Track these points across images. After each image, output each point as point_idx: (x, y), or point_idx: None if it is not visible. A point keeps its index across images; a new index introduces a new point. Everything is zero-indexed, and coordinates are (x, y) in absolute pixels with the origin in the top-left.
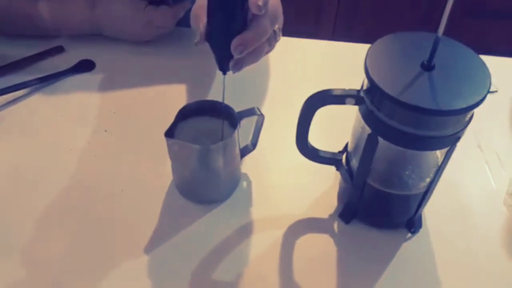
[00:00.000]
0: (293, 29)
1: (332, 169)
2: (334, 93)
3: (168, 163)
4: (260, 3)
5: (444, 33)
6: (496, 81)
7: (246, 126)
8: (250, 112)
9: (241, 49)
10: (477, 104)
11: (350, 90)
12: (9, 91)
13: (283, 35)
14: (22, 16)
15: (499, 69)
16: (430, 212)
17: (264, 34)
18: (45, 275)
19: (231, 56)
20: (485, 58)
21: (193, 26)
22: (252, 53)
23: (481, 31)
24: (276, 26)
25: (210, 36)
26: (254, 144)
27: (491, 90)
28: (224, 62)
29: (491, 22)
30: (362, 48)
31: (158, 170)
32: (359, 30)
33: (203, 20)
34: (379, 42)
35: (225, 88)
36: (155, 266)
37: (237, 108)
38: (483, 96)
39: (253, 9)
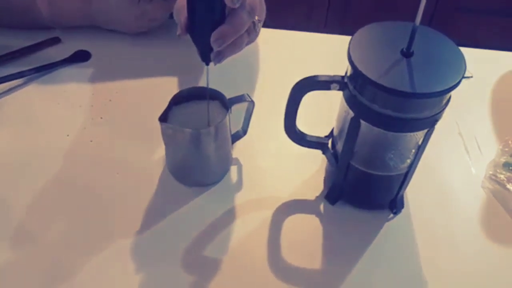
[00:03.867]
0: (285, 22)
1: (318, 153)
2: (320, 79)
3: (162, 148)
4: None
5: (436, 27)
6: (474, 71)
7: (238, 112)
8: (240, 98)
9: (220, 42)
10: (452, 88)
11: (334, 76)
12: (7, 81)
13: (275, 27)
14: (19, 9)
15: (477, 59)
16: (412, 194)
17: (241, 26)
18: (42, 255)
19: (212, 48)
20: (464, 50)
21: (176, 18)
22: (232, 45)
23: (472, 26)
24: (256, 17)
25: (190, 29)
26: (245, 130)
27: (466, 75)
28: (206, 54)
29: (482, 17)
30: (349, 40)
31: (152, 155)
32: (351, 23)
33: (184, 13)
34: (361, 31)
35: (209, 77)
36: (149, 245)
37: (228, 94)
38: (458, 80)
39: (228, 2)
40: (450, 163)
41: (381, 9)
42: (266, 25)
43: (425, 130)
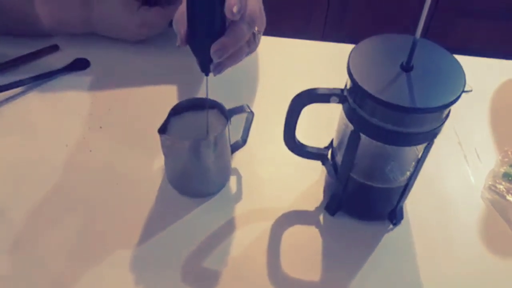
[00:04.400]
0: (283, 30)
1: (318, 164)
2: (319, 92)
3: (161, 157)
4: (234, 9)
5: (435, 31)
6: (473, 81)
7: (237, 123)
8: (240, 109)
9: (220, 53)
10: (451, 103)
11: (334, 89)
12: (5, 89)
13: (274, 35)
14: (17, 16)
15: (476, 69)
16: (411, 205)
17: (241, 38)
18: (40, 265)
19: (212, 59)
20: (463, 59)
21: (175, 29)
22: (232, 56)
23: (471, 30)
24: (256, 28)
25: (190, 40)
26: (244, 140)
27: (466, 89)
28: (205, 65)
29: (482, 22)
30: (348, 49)
31: (152, 164)
32: (349, 31)
33: (184, 24)
34: (361, 44)
35: (208, 87)
36: (148, 256)
37: (228, 105)
38: (457, 95)
39: (228, 15)
40: (450, 173)
41: (379, 14)
42: (264, 32)
43: (425, 144)
